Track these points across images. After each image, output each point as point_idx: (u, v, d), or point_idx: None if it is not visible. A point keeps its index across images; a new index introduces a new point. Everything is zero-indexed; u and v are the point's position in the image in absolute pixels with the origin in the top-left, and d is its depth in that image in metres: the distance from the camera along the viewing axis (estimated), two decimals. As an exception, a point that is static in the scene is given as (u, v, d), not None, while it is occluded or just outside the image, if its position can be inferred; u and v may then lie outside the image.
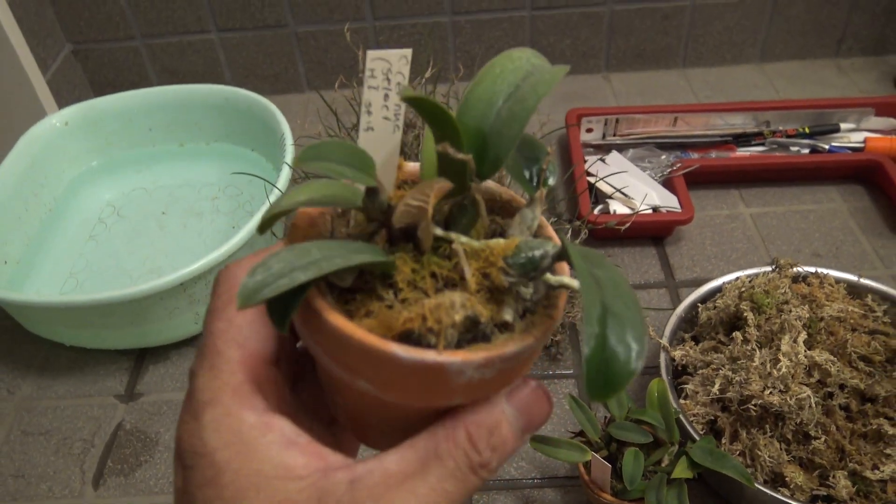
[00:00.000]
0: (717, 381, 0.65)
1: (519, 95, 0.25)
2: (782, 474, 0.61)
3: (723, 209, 0.97)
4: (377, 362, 0.22)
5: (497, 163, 0.25)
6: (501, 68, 0.26)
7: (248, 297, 0.20)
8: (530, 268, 0.24)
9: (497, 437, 0.24)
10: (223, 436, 0.24)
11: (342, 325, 0.22)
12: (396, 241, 0.25)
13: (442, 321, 0.22)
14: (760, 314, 0.68)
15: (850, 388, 0.63)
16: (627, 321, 0.20)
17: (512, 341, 0.23)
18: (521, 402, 0.25)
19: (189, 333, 0.84)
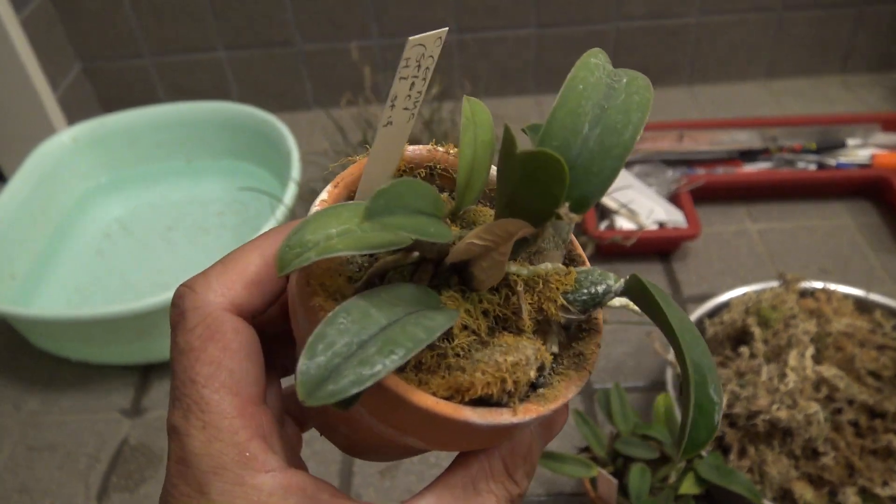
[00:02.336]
0: (723, 397, 0.65)
1: (608, 122, 0.21)
2: (791, 491, 0.61)
3: (729, 225, 0.97)
4: (445, 427, 0.20)
5: (585, 204, 0.21)
6: (584, 84, 0.22)
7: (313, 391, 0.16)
8: (591, 304, 0.22)
9: (530, 462, 0.23)
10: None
11: (406, 393, 0.20)
12: (440, 274, 0.22)
13: (520, 381, 0.21)
14: (767, 329, 0.68)
15: (858, 403, 0.63)
16: (708, 372, 0.19)
17: (572, 384, 0.22)
18: (546, 419, 0.23)
19: (194, 348, 0.83)
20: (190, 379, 0.22)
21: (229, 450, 0.21)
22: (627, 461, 0.62)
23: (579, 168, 0.21)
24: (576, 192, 0.22)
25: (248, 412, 0.22)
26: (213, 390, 0.22)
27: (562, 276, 0.23)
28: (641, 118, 0.21)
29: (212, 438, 0.21)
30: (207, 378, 0.22)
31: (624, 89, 0.22)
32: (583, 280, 0.22)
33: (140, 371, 0.84)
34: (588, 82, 0.22)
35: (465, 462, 0.22)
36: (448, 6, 1.10)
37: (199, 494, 0.21)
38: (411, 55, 0.21)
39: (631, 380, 0.79)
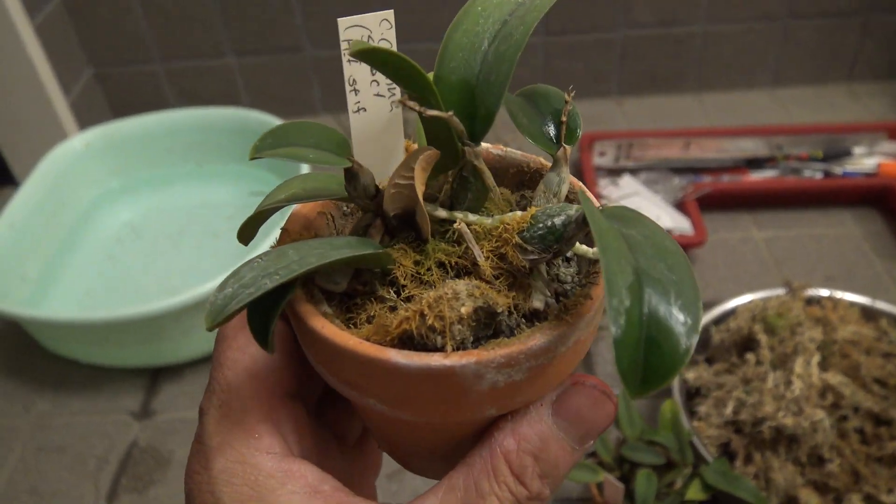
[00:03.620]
0: (730, 403, 0.65)
1: (506, 32, 0.20)
2: (797, 497, 0.61)
3: (735, 232, 0.97)
4: (378, 374, 0.19)
5: (489, 117, 0.20)
6: (483, 5, 0.21)
7: (216, 314, 0.18)
8: (552, 239, 0.19)
9: (546, 462, 0.20)
10: (238, 489, 0.20)
11: (331, 334, 0.19)
12: (397, 232, 0.21)
13: (445, 316, 0.18)
14: (773, 336, 0.68)
15: (864, 410, 0.63)
16: (672, 286, 0.16)
17: (539, 332, 0.19)
18: (573, 410, 0.21)
19: (204, 352, 0.84)
20: (219, 362, 0.23)
21: (237, 429, 0.21)
22: (634, 466, 0.62)
23: (482, 84, 0.20)
24: (481, 107, 0.20)
25: (263, 397, 0.22)
26: (235, 373, 0.22)
27: (524, 217, 0.20)
28: (536, 17, 0.20)
29: (223, 417, 0.22)
30: (233, 362, 0.23)
31: (530, 3, 0.21)
32: (539, 215, 0.20)
33: (150, 374, 0.85)
34: (490, 3, 0.21)
35: (468, 459, 0.21)
36: (453, 12, 1.10)
37: (205, 470, 0.21)
38: (350, 37, 0.20)
39: (637, 386, 0.79)
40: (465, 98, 0.21)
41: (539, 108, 0.23)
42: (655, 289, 0.16)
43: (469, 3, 0.22)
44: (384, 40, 0.21)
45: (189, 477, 0.22)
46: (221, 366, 0.23)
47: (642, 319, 0.16)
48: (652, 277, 0.16)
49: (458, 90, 0.21)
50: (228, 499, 0.20)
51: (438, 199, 0.22)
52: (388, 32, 0.21)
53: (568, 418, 0.21)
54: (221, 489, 0.21)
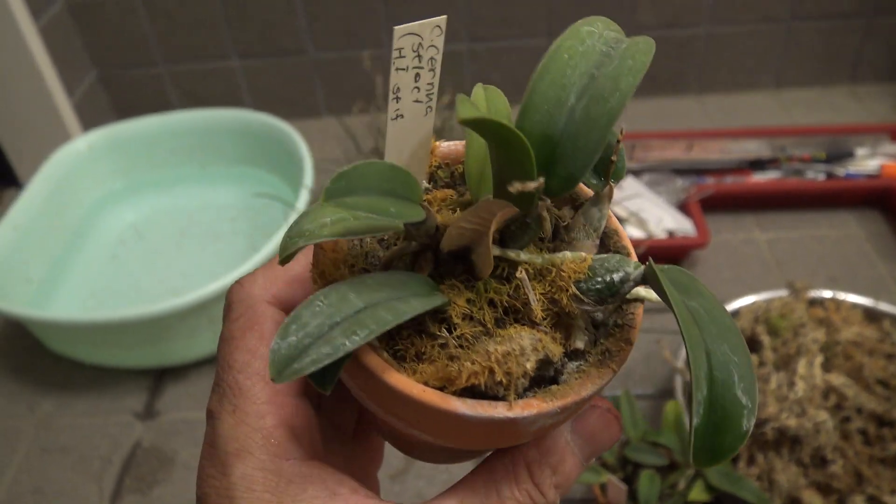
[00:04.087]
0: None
1: (596, 90, 0.19)
2: (799, 498, 0.61)
3: (738, 234, 0.97)
4: (438, 419, 0.20)
5: (571, 181, 0.20)
6: (570, 52, 0.20)
7: (282, 369, 0.17)
8: (607, 294, 0.20)
9: (561, 474, 0.22)
10: (259, 495, 0.21)
11: (396, 382, 0.20)
12: (445, 265, 0.21)
13: (512, 373, 0.19)
14: (777, 337, 0.68)
15: (867, 412, 0.63)
16: (735, 369, 0.17)
17: (589, 381, 0.20)
18: (588, 430, 0.23)
19: (208, 353, 0.84)
20: (228, 365, 0.23)
21: (254, 434, 0.21)
22: (637, 468, 0.62)
23: (566, 142, 0.20)
24: (561, 169, 0.20)
25: (278, 400, 0.22)
26: (247, 376, 0.22)
27: (577, 263, 0.21)
28: (632, 82, 0.19)
29: (239, 422, 0.22)
30: (243, 364, 0.22)
31: (620, 55, 0.20)
32: (597, 268, 0.20)
33: (153, 375, 0.85)
34: (576, 51, 0.20)
35: (489, 465, 0.22)
36: (460, 16, 1.11)
37: (222, 476, 0.21)
38: (403, 45, 0.20)
39: (640, 387, 0.79)
40: (546, 152, 0.20)
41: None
42: (723, 373, 0.17)
43: (554, 50, 0.21)
44: (433, 46, 0.21)
45: (203, 481, 0.22)
46: (231, 368, 0.23)
47: (713, 405, 0.17)
48: (719, 360, 0.17)
49: (540, 143, 0.20)
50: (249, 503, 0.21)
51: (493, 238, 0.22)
52: (438, 39, 0.21)
53: (584, 437, 0.23)
54: (241, 495, 0.21)
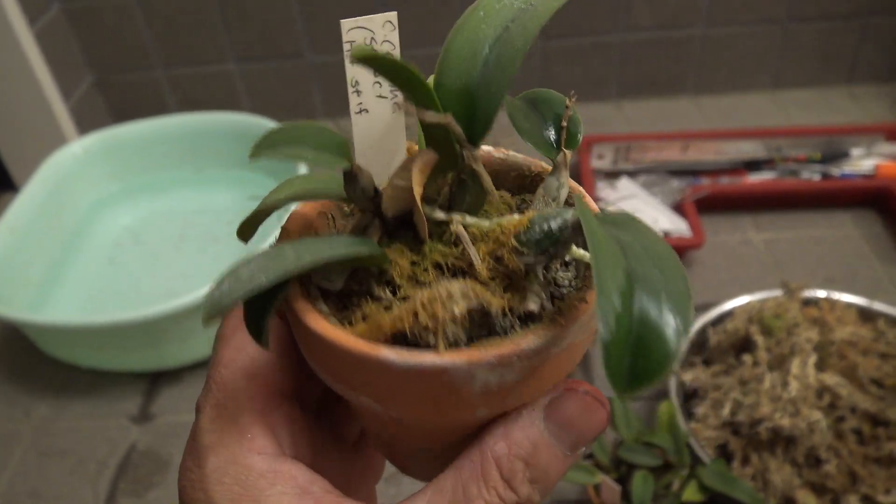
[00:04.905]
0: (727, 405, 0.65)
1: (507, 38, 0.20)
2: (794, 498, 0.61)
3: (734, 234, 0.97)
4: (370, 372, 0.19)
5: (487, 122, 0.20)
6: (486, 10, 0.21)
7: (211, 308, 0.17)
8: (548, 243, 0.19)
9: (536, 467, 0.20)
10: (229, 487, 0.21)
11: (324, 331, 0.19)
12: (396, 233, 0.22)
13: (438, 316, 0.19)
14: (770, 337, 0.68)
15: (861, 411, 0.63)
16: (663, 289, 0.16)
17: (532, 333, 0.19)
18: (565, 416, 0.20)
19: (203, 356, 0.85)
20: (216, 361, 0.23)
21: (231, 428, 0.21)
22: (631, 468, 0.62)
23: (482, 89, 0.21)
24: (480, 113, 0.21)
25: (258, 397, 0.22)
26: (231, 371, 0.22)
27: (520, 220, 0.20)
28: (540, 22, 0.20)
29: (218, 416, 0.22)
30: (229, 360, 0.23)
31: (534, 8, 0.21)
32: (536, 218, 0.20)
33: (149, 378, 0.85)
34: (492, 8, 0.21)
35: (458, 462, 0.21)
36: (456, 17, 1.11)
37: (197, 467, 0.21)
38: (354, 38, 0.21)
39: (635, 388, 0.79)
40: (465, 103, 0.21)
41: (540, 113, 0.23)
42: (646, 292, 0.16)
43: (471, 8, 0.22)
44: (387, 42, 0.21)
45: (182, 474, 0.22)
46: (218, 364, 0.23)
47: (632, 322, 0.16)
48: (643, 281, 0.16)
49: (458, 95, 0.21)
50: (219, 497, 0.20)
51: (437, 202, 0.22)
52: (392, 34, 0.21)
53: (560, 424, 0.20)
54: (213, 487, 0.21)
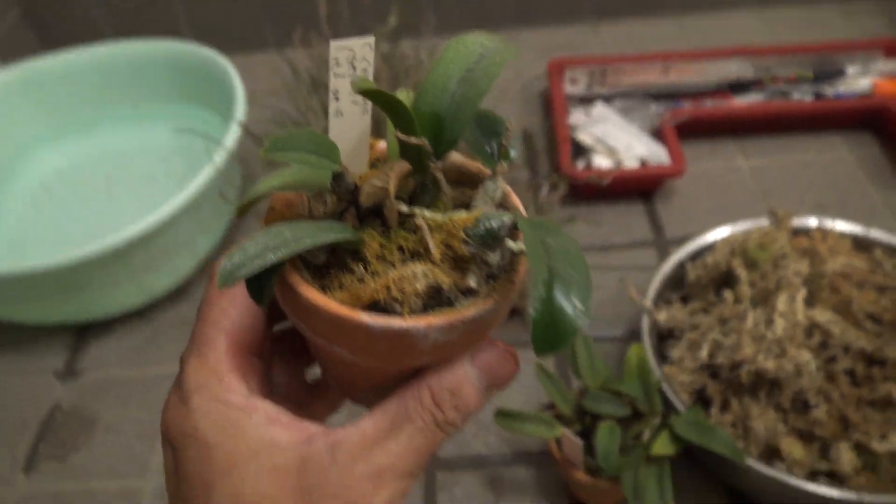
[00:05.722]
0: (705, 346, 0.58)
1: (472, 79, 0.26)
2: (778, 448, 0.54)
3: (719, 162, 0.89)
4: (349, 330, 0.24)
5: (452, 144, 0.26)
6: (455, 53, 0.26)
7: (225, 278, 0.22)
8: (489, 238, 0.25)
9: (460, 398, 0.26)
10: (212, 418, 0.26)
11: (315, 299, 0.24)
12: (366, 219, 0.26)
13: (405, 290, 0.24)
14: (755, 271, 0.61)
15: (855, 350, 0.56)
16: (574, 284, 0.22)
17: (474, 305, 0.25)
18: (485, 364, 0.26)
19: (134, 306, 0.77)
20: (202, 320, 0.28)
21: (211, 375, 0.27)
22: (596, 419, 0.55)
23: (450, 117, 0.26)
24: (447, 135, 0.26)
25: (234, 351, 0.27)
26: (217, 331, 0.27)
27: (468, 217, 0.26)
28: (496, 71, 0.26)
29: (201, 366, 0.27)
30: (213, 321, 0.28)
31: (491, 55, 0.26)
32: (482, 219, 0.25)
33: (75, 331, 0.78)
34: (459, 53, 0.26)
35: (400, 392, 0.26)
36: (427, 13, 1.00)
37: (183, 405, 0.26)
38: (339, 55, 0.25)
39: (608, 329, 0.73)
40: (435, 126, 0.26)
41: (484, 130, 0.28)
42: (563, 284, 0.22)
43: (443, 51, 0.27)
44: (364, 59, 0.26)
45: (167, 412, 0.27)
46: (204, 322, 0.28)
47: (551, 306, 0.21)
48: (560, 276, 0.22)
49: (430, 119, 0.26)
50: (206, 426, 0.26)
51: (403, 198, 0.27)
52: (369, 53, 0.26)
53: (481, 368, 0.26)
54: (199, 419, 0.26)
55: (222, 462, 0.25)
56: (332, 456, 0.25)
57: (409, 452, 0.25)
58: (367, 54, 0.26)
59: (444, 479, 0.63)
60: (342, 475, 0.25)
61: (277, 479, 0.25)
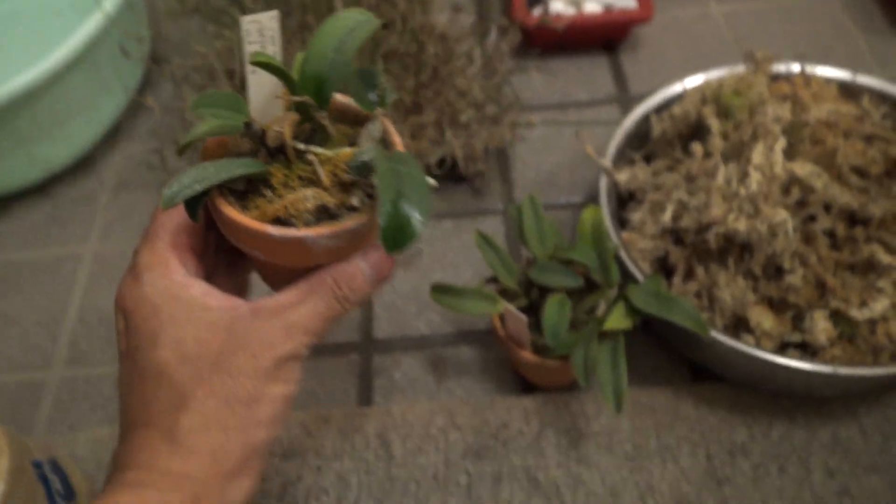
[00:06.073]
0: (669, 207, 0.51)
1: (344, 48, 0.32)
2: (746, 318, 0.49)
3: (690, 8, 0.79)
4: (259, 239, 0.32)
5: (329, 97, 0.33)
6: (332, 27, 0.33)
7: (167, 202, 0.30)
8: (363, 168, 0.32)
9: (354, 282, 0.34)
10: (158, 288, 0.33)
11: (233, 216, 0.32)
12: (275, 156, 0.34)
13: (299, 209, 0.32)
14: (728, 120, 0.53)
15: (838, 208, 0.50)
16: (416, 200, 0.29)
17: (352, 219, 0.32)
18: (373, 261, 0.34)
19: (30, 181, 0.68)
20: (153, 220, 0.35)
21: (158, 260, 0.34)
22: (545, 292, 0.49)
23: (328, 77, 0.33)
24: (326, 91, 0.33)
25: (176, 244, 0.34)
26: (164, 230, 0.34)
27: (349, 153, 0.33)
28: (360, 41, 0.32)
29: (150, 253, 0.34)
30: (162, 223, 0.35)
31: (360, 27, 0.33)
32: (357, 154, 0.33)
33: (-36, 210, 0.68)
34: (336, 27, 0.33)
35: (309, 277, 0.34)
36: None
37: (135, 280, 0.33)
38: (250, 28, 0.32)
39: (564, 195, 0.65)
40: (318, 84, 0.33)
41: (365, 83, 0.34)
42: (407, 201, 0.29)
43: (323, 25, 0.33)
44: (271, 29, 0.33)
45: (121, 289, 0.34)
46: (154, 222, 0.35)
47: (398, 216, 0.28)
48: (406, 195, 0.29)
49: (314, 80, 0.33)
50: (152, 293, 0.33)
51: (300, 139, 0.34)
52: (274, 24, 0.33)
53: (370, 264, 0.34)
54: (148, 289, 0.33)
55: (167, 318, 0.32)
56: (253, 315, 0.32)
57: (313, 315, 0.33)
58: (272, 24, 0.33)
59: (381, 362, 0.57)
60: (261, 327, 0.32)
61: (210, 330, 0.32)
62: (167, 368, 0.31)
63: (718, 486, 0.48)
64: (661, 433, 0.51)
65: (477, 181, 0.66)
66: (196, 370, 0.31)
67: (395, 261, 0.36)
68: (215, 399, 0.31)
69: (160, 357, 0.31)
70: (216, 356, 0.31)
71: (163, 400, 0.31)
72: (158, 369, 0.31)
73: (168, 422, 0.31)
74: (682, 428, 0.51)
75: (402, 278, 0.61)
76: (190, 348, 0.31)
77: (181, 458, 0.31)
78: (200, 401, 0.31)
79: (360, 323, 0.59)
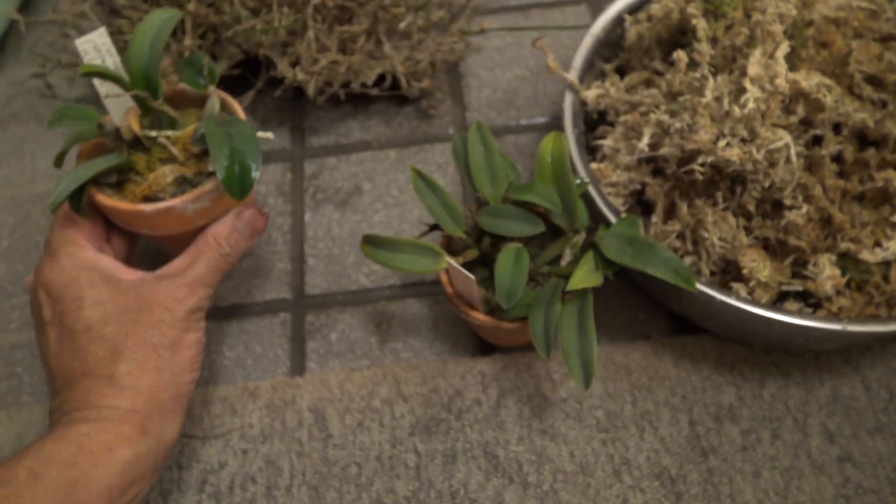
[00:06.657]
0: (646, 131, 0.42)
1: (155, 43, 0.38)
2: (737, 263, 0.41)
3: None
4: (137, 217, 0.38)
5: (157, 86, 0.39)
6: (145, 28, 0.39)
7: (53, 206, 0.37)
8: (204, 138, 0.37)
9: (231, 240, 0.40)
10: (74, 262, 0.38)
11: (109, 202, 0.38)
12: (136, 146, 0.40)
13: (161, 183, 0.39)
14: (718, 21, 0.44)
15: (850, 127, 0.41)
16: (248, 155, 0.36)
17: (209, 182, 0.38)
18: (245, 217, 0.41)
19: None
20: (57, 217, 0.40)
21: (69, 239, 0.39)
22: (498, 242, 0.41)
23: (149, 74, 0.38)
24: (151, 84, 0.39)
25: (80, 230, 0.39)
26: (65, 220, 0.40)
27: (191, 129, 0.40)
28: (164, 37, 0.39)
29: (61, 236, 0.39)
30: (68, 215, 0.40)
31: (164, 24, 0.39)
32: (198, 128, 0.39)
33: None
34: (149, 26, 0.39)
35: (194, 241, 0.40)
36: None
37: (52, 259, 0.39)
38: (85, 48, 0.39)
39: (527, 115, 0.56)
40: (145, 78, 0.38)
41: (194, 69, 0.41)
42: (240, 155, 0.36)
43: (137, 27, 0.39)
44: (105, 44, 0.39)
45: (40, 267, 0.39)
46: (59, 217, 0.40)
47: (234, 169, 0.36)
48: (240, 151, 0.36)
49: (141, 75, 0.38)
50: (69, 266, 0.38)
51: (149, 127, 0.40)
52: (106, 38, 0.39)
53: (244, 222, 0.41)
54: (65, 263, 0.38)
55: (86, 283, 0.38)
56: (158, 279, 0.39)
57: (208, 270, 0.40)
58: (104, 40, 0.39)
59: (315, 321, 0.49)
60: (168, 286, 0.38)
61: (125, 293, 0.38)
62: (95, 326, 0.37)
63: (703, 457, 0.42)
64: (637, 398, 0.44)
65: (424, 102, 0.57)
66: (121, 325, 0.37)
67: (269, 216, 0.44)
68: (144, 347, 0.37)
69: (86, 316, 0.37)
70: (136, 313, 0.37)
71: (97, 353, 0.36)
72: (87, 326, 0.37)
73: (107, 370, 0.36)
74: (661, 391, 0.44)
75: (338, 220, 0.53)
76: (110, 308, 0.37)
77: (126, 397, 0.36)
78: (132, 349, 0.37)
79: (290, 276, 0.51)
